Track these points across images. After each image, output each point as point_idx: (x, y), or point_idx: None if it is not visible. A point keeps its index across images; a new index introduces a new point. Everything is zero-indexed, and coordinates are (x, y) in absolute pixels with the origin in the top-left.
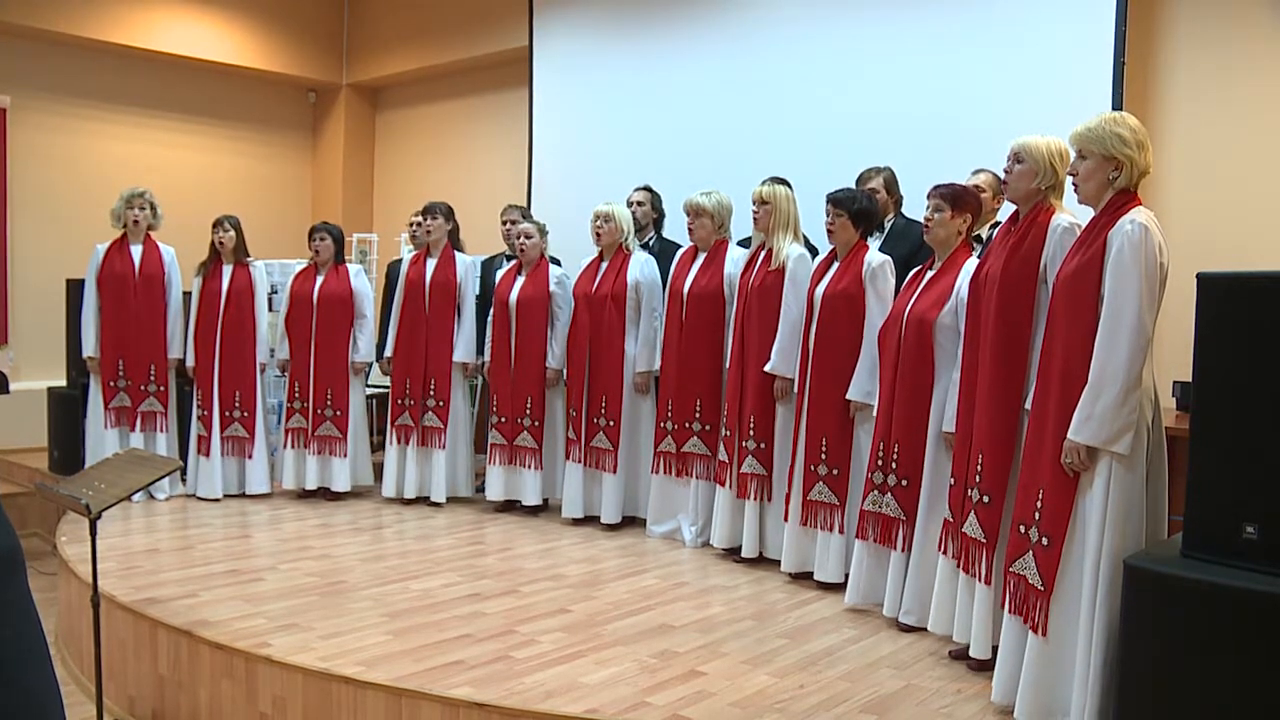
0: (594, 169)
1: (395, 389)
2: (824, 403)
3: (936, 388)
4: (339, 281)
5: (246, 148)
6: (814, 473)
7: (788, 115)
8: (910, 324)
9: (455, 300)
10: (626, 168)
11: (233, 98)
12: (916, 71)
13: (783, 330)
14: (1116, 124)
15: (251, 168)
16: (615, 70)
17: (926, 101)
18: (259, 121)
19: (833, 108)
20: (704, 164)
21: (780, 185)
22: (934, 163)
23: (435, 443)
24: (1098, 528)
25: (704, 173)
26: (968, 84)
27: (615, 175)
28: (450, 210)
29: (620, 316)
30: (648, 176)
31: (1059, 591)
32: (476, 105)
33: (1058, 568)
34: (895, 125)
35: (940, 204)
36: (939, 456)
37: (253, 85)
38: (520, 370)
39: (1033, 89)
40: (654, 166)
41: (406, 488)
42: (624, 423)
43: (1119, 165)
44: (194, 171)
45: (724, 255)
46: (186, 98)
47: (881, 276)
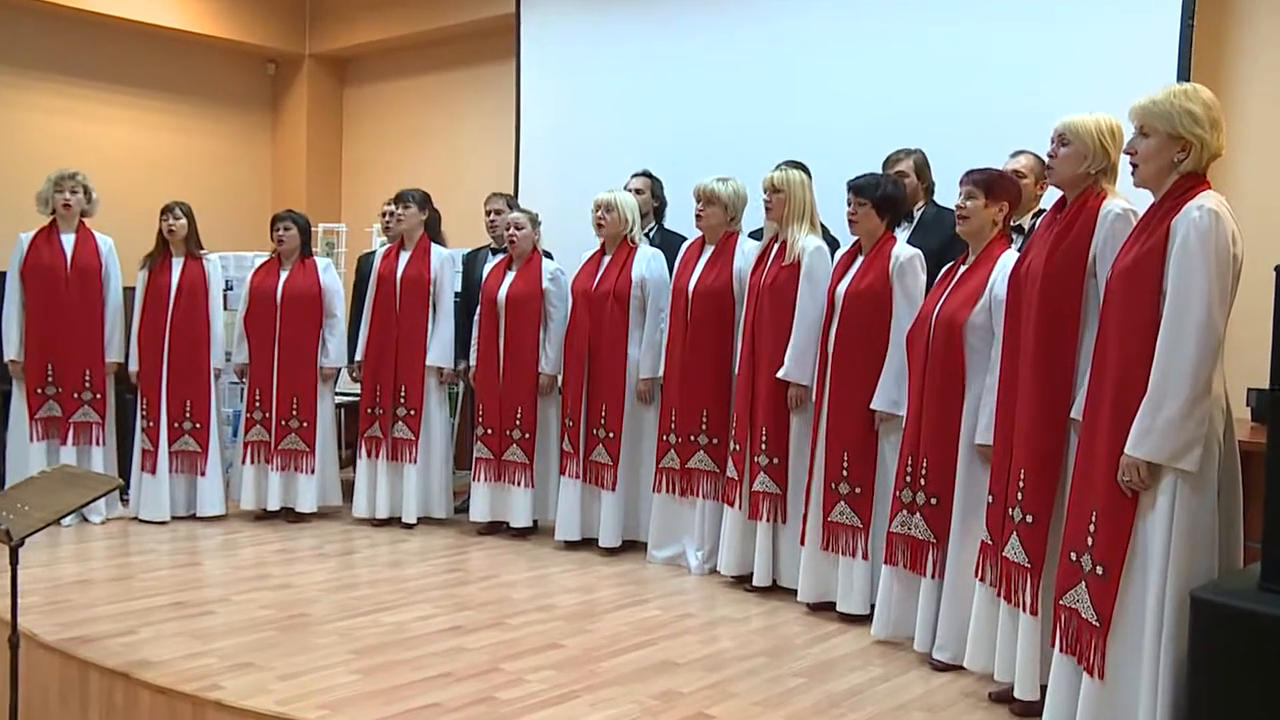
0: (588, 152)
1: (365, 397)
2: (845, 413)
3: (968, 395)
4: (305, 277)
5: (197, 125)
6: (834, 491)
7: (804, 92)
8: (939, 325)
9: (430, 298)
10: (625, 151)
11: (180, 68)
12: (948, 41)
13: (798, 332)
14: (1188, 99)
15: (203, 148)
16: (613, 41)
17: (960, 76)
18: (211, 96)
19: (855, 84)
20: (711, 147)
21: (795, 170)
22: (969, 145)
23: (406, 456)
24: (1161, 556)
25: (710, 157)
26: (1005, 55)
27: (612, 159)
28: (426, 198)
29: (623, 316)
30: (648, 161)
31: (1117, 628)
32: (457, 80)
33: (1115, 601)
34: (925, 102)
35: (973, 190)
36: (973, 472)
37: (203, 54)
38: (510, 376)
39: (1081, 59)
40: (655, 150)
41: (378, 507)
42: (625, 435)
43: (1186, 146)
44: (136, 151)
45: (733, 249)
46: (126, 67)
47: (910, 272)
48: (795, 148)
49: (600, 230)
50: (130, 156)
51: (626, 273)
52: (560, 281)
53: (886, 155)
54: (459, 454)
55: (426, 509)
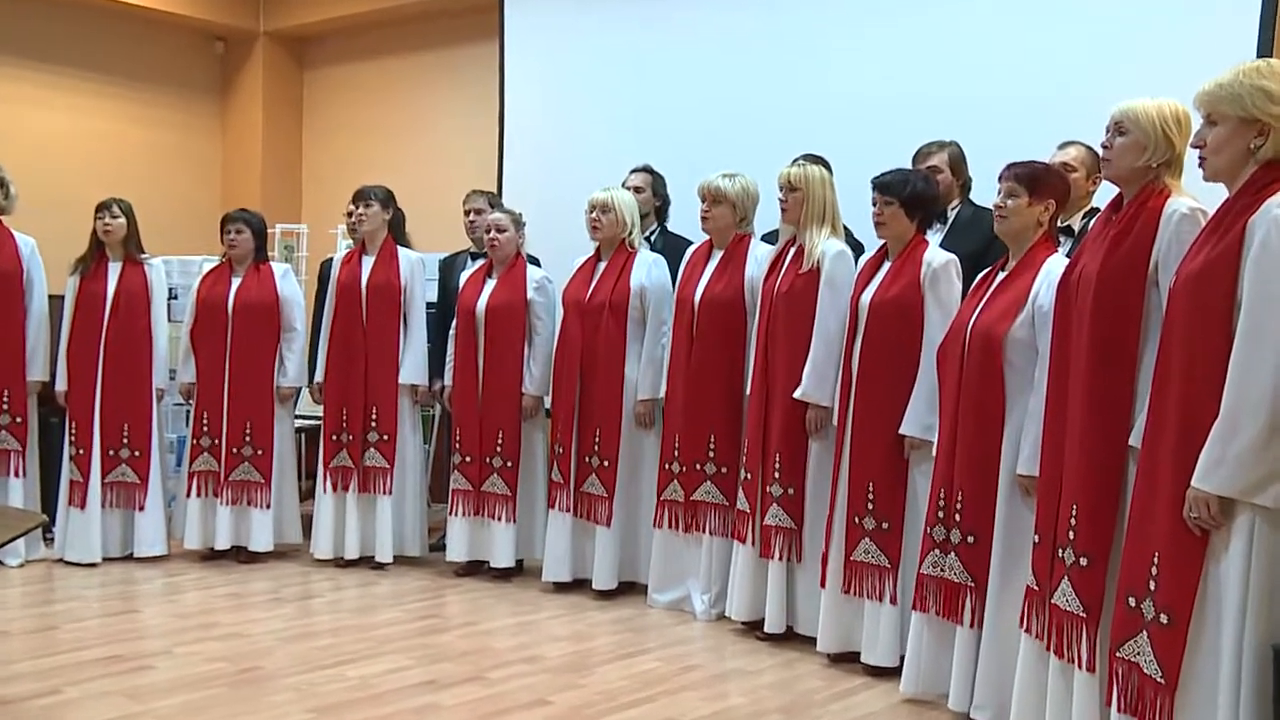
0: (582, 144)
1: (330, 421)
2: (870, 438)
3: (1009, 420)
4: (261, 285)
5: (135, 111)
6: (858, 526)
7: (827, 78)
8: (975, 339)
9: (399, 307)
10: (623, 143)
11: (115, 46)
12: (985, 17)
13: (817, 347)
14: (1261, 76)
15: (143, 137)
16: (609, 20)
17: (1000, 56)
18: (151, 78)
19: (882, 67)
20: (721, 140)
21: (814, 165)
22: (1010, 135)
23: (379, 488)
24: (1237, 603)
25: (720, 151)
26: (1052, 33)
27: (609, 153)
28: (389, 196)
29: (620, 330)
30: (649, 155)
31: (1186, 685)
32: (433, 62)
33: (1183, 654)
34: (960, 88)
35: (1015, 187)
36: (1015, 507)
37: (142, 29)
38: (490, 397)
39: (1143, 36)
40: (656, 143)
41: (344, 546)
42: (622, 463)
43: (1264, 130)
44: (65, 140)
45: (745, 254)
46: (52, 43)
47: (944, 279)
48: (814, 140)
49: (595, 233)
50: (58, 146)
51: (624, 281)
52: (547, 290)
53: (917, 148)
54: (435, 485)
55: (401, 546)
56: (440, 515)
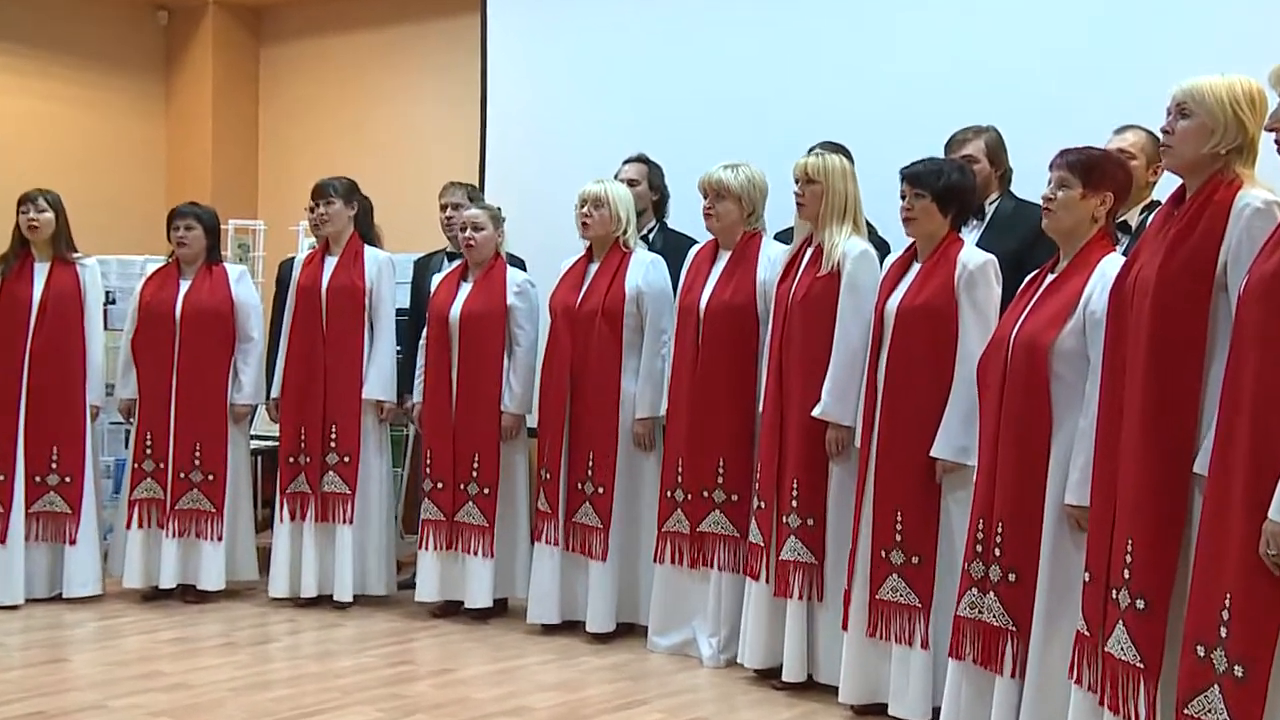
0: (573, 131)
1: (285, 442)
2: (899, 462)
3: (1055, 441)
4: (212, 289)
5: (66, 90)
6: (885, 561)
7: (845, 58)
8: (1019, 351)
9: (363, 313)
10: (618, 130)
11: (41, 15)
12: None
13: (838, 359)
14: None
15: (76, 120)
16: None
17: (1043, 28)
18: (84, 52)
19: (907, 43)
20: (726, 127)
21: (834, 155)
22: (1057, 119)
23: (339, 516)
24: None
25: (726, 139)
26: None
27: (603, 141)
28: (352, 188)
29: (615, 339)
30: (648, 144)
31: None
32: (408, 37)
33: (1263, 710)
34: (998, 67)
35: (1066, 177)
36: (1063, 540)
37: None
38: (465, 415)
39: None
40: (656, 130)
41: (303, 583)
42: (618, 490)
43: None
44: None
45: (755, 254)
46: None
47: (982, 282)
48: (834, 127)
49: (586, 231)
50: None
51: (618, 284)
52: (529, 295)
53: (950, 135)
54: (408, 515)
55: (364, 583)
56: (414, 548)
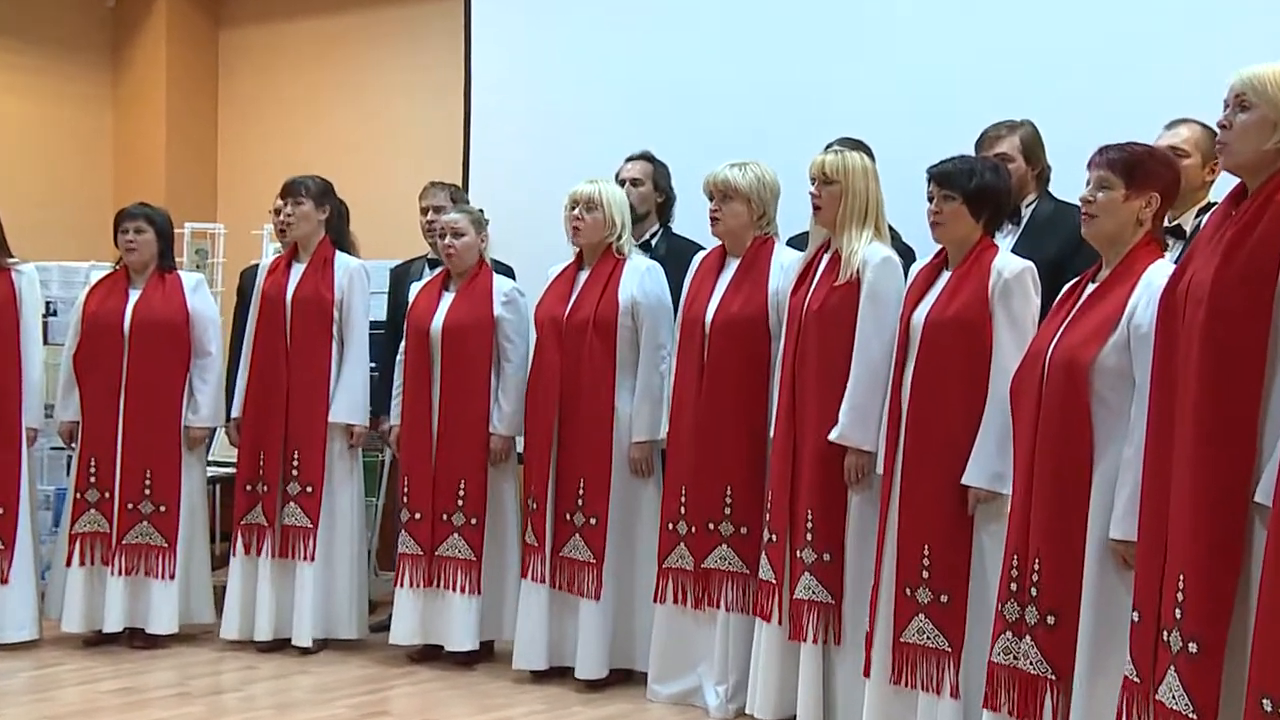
0: (566, 126)
1: (243, 468)
2: (925, 491)
3: (1098, 468)
4: (166, 299)
5: (2, 78)
6: (911, 600)
7: (863, 47)
8: (1056, 368)
9: (331, 327)
10: (616, 126)
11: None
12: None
13: (858, 377)
14: None
15: (13, 111)
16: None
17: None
18: (22, 35)
19: (931, 33)
20: (736, 122)
21: (854, 153)
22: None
23: (301, 552)
24: None
25: (732, 135)
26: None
27: (599, 137)
28: (326, 189)
29: (609, 354)
30: (645, 140)
31: None
32: (383, 22)
33: None
34: (1035, 56)
35: (1108, 176)
36: (1108, 578)
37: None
38: (448, 438)
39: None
40: (659, 125)
41: (258, 625)
42: (613, 522)
43: None
44: None
45: (767, 262)
46: None
47: (1018, 292)
48: (854, 122)
49: (576, 235)
50: None
51: (611, 293)
52: (519, 306)
53: (982, 131)
54: (384, 549)
55: (332, 626)
56: (384, 587)
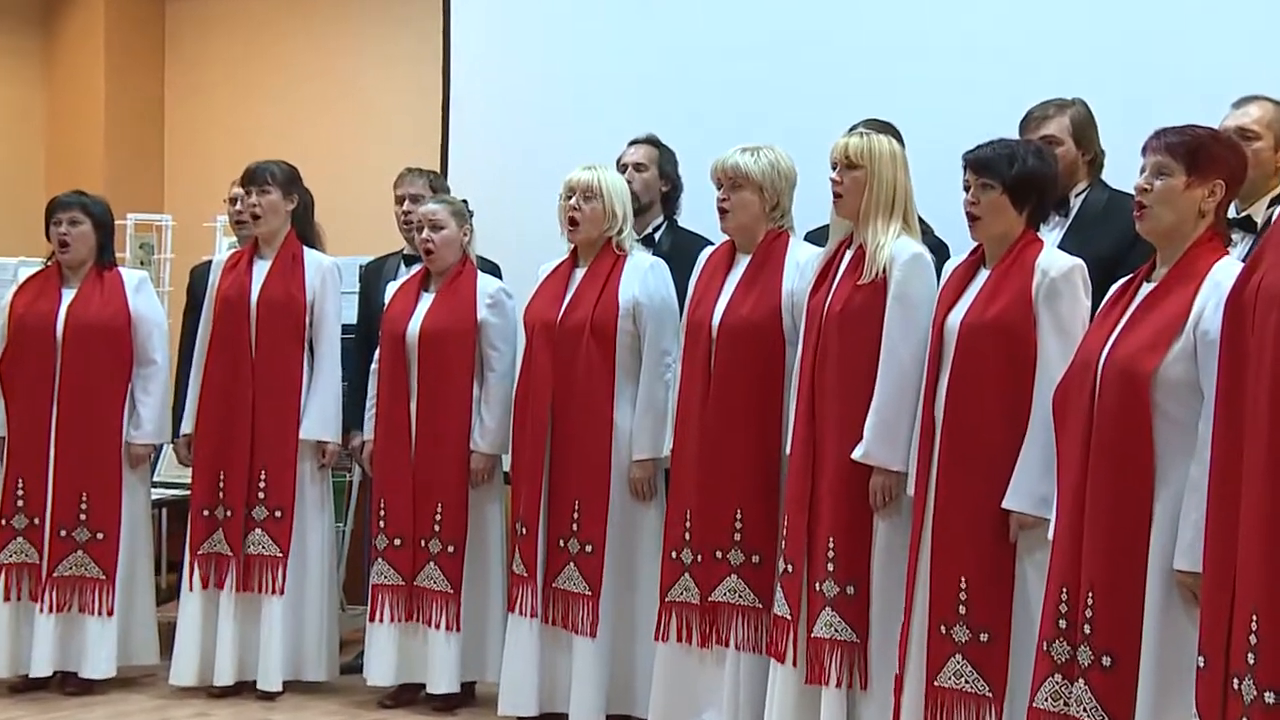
0: (557, 107)
1: (200, 491)
2: (961, 515)
3: (1160, 490)
4: (104, 300)
5: None
6: (946, 639)
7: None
8: (1110, 379)
9: (303, 332)
10: (613, 106)
11: None
12: None
13: (884, 388)
14: None
15: None
16: None
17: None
18: None
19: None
20: (741, 103)
21: (881, 136)
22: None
23: (267, 585)
24: None
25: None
26: None
27: (593, 119)
28: (292, 176)
29: (607, 363)
30: (646, 121)
31: None
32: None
33: None
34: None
35: (1166, 162)
36: (1171, 615)
37: None
38: (427, 456)
39: None
40: (661, 107)
41: (218, 667)
42: (610, 549)
43: None
44: None
45: (781, 258)
46: None
47: (1066, 293)
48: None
49: (572, 229)
50: None
51: (610, 293)
52: (505, 308)
53: (1027, 111)
54: (352, 580)
55: (296, 669)
56: (358, 622)
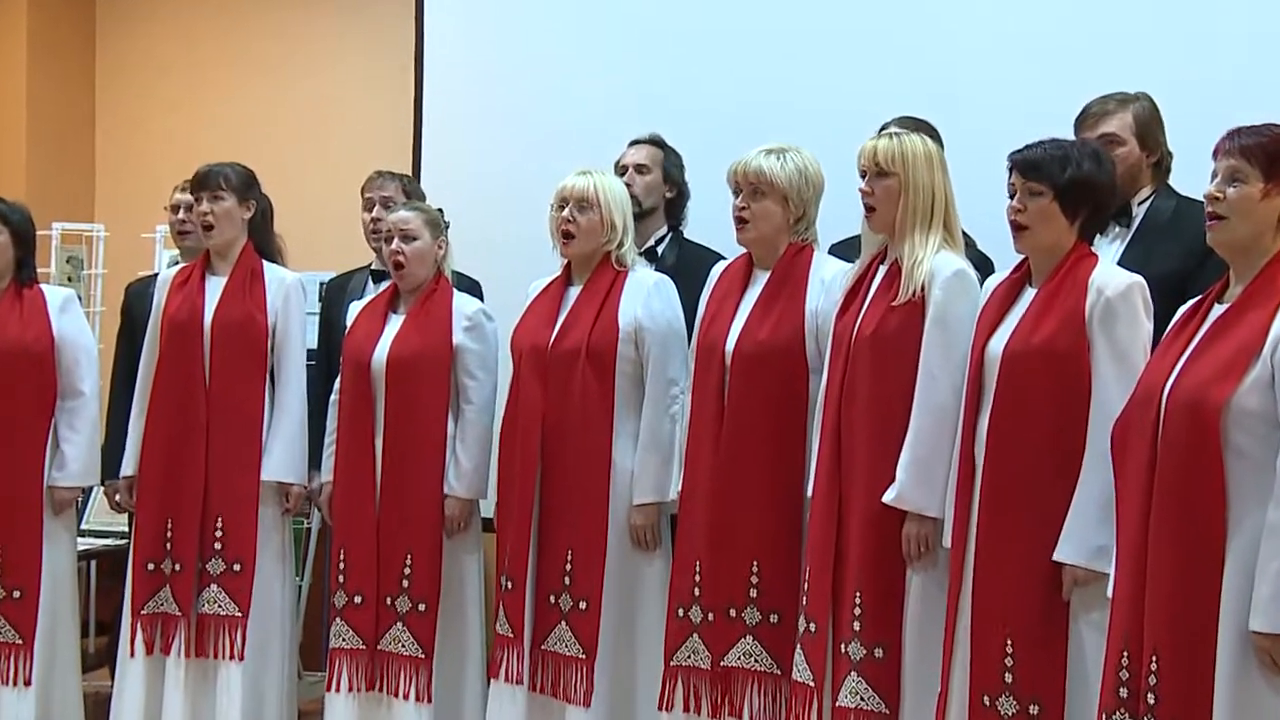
0: (545, 102)
1: (143, 541)
2: (1007, 569)
3: (1233, 539)
4: (24, 321)
5: None
6: (990, 710)
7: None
8: (1175, 412)
9: (264, 359)
10: (608, 103)
11: None
12: None
13: (920, 423)
14: None
15: None
16: None
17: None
18: None
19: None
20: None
21: (916, 136)
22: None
23: (224, 649)
24: None
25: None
26: None
27: (586, 117)
28: (249, 181)
29: (605, 394)
30: (652, 123)
31: None
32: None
33: None
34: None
35: (1241, 167)
36: (1247, 683)
37: None
38: (394, 501)
39: None
40: (662, 104)
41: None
42: (608, 606)
43: None
44: None
45: (805, 275)
46: None
47: (1124, 315)
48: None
49: (566, 243)
50: None
51: (609, 315)
52: (485, 331)
53: (1083, 107)
54: (310, 642)
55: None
56: (317, 691)
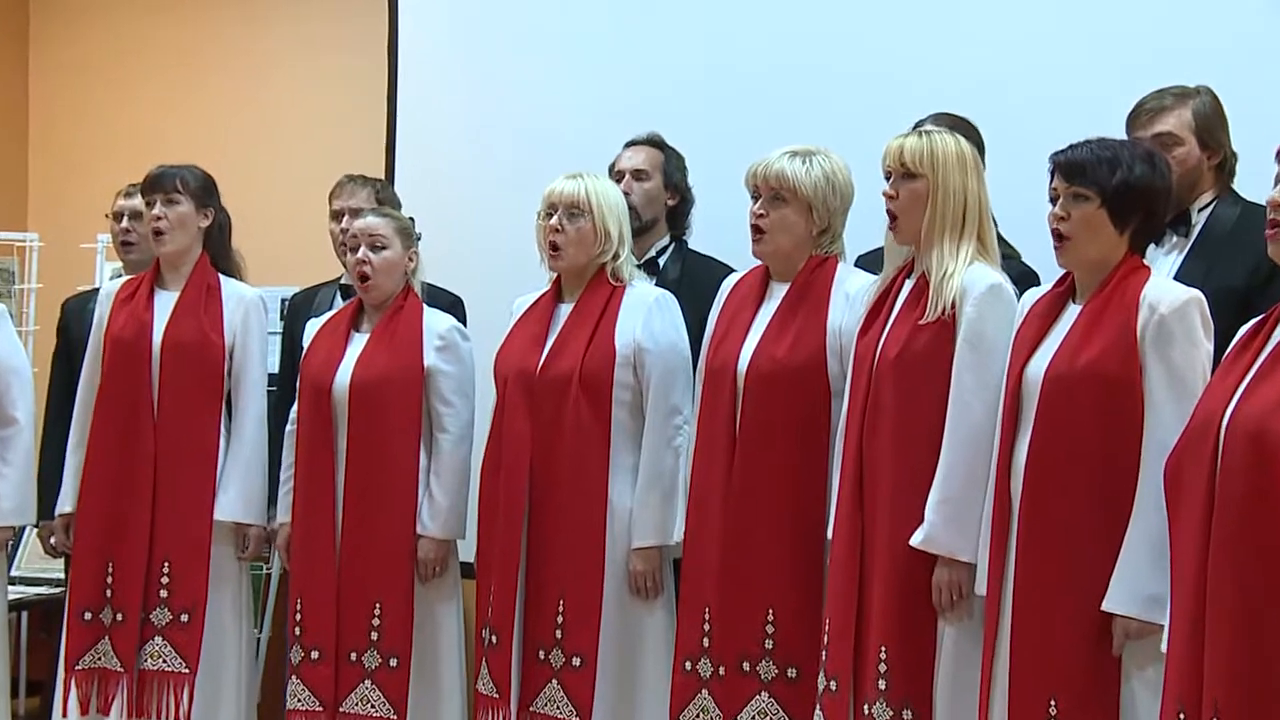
0: (530, 101)
1: (81, 588)
2: (1049, 619)
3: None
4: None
5: None
6: None
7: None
8: (1235, 443)
9: (221, 384)
10: (600, 101)
11: None
12: None
13: (952, 454)
14: None
15: None
16: None
17: None
18: None
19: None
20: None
21: (948, 135)
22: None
23: (168, 710)
24: None
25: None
26: None
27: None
28: (207, 185)
29: (600, 424)
30: (650, 122)
31: None
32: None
33: None
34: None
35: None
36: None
37: None
38: (357, 543)
39: None
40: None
41: None
42: (605, 660)
43: None
44: None
45: (827, 290)
46: None
47: (1181, 335)
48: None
49: (555, 255)
50: None
51: (605, 336)
52: (460, 353)
53: (1136, 103)
54: (269, 701)
55: None
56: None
